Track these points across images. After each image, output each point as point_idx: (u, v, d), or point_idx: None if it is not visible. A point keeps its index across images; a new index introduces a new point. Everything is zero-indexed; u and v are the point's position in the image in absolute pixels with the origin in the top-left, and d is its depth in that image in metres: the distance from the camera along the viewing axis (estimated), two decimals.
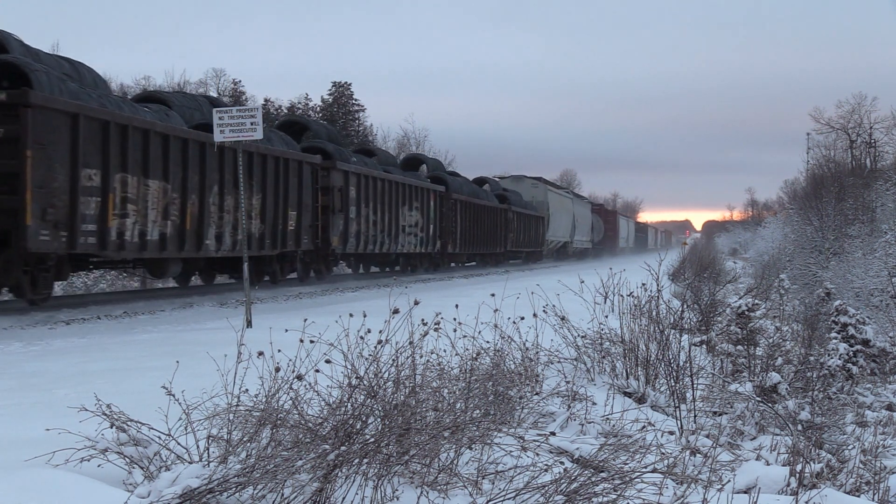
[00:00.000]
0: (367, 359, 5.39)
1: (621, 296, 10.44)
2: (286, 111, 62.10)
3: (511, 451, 5.29)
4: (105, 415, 4.68)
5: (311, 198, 23.37)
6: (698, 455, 6.58)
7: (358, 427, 4.73)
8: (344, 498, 4.43)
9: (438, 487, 4.81)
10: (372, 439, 4.62)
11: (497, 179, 54.95)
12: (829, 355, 16.28)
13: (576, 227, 67.91)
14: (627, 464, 5.54)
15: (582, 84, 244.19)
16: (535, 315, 8.24)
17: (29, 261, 14.29)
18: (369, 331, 5.73)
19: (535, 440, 5.61)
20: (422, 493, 4.63)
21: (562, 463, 5.43)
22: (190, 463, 4.55)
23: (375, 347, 5.48)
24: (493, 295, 7.64)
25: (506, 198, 47.04)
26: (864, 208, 38.04)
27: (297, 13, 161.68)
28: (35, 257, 14.36)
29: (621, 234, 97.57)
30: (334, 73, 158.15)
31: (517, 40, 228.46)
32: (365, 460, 4.53)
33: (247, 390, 4.99)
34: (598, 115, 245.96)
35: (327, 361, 5.40)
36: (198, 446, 4.68)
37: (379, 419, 4.95)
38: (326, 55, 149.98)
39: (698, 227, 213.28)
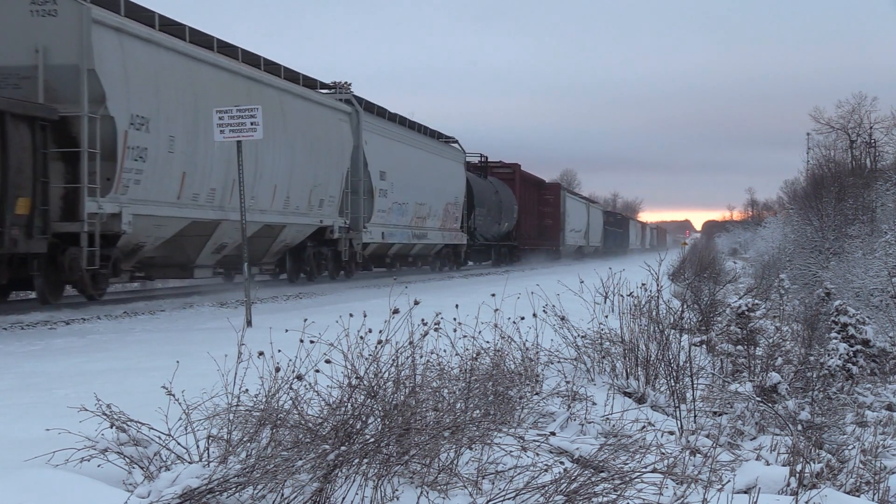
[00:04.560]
0: (367, 359, 5.39)
1: (621, 296, 10.46)
2: None
3: (511, 451, 5.28)
4: (105, 415, 4.68)
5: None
6: (698, 455, 6.58)
7: (358, 427, 4.72)
8: (344, 498, 4.43)
9: (438, 487, 4.81)
10: (372, 439, 4.62)
11: None
12: (829, 355, 16.25)
13: (383, 190, 28.19)
14: (627, 464, 5.53)
15: (582, 84, 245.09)
16: (534, 315, 8.24)
17: None
18: (370, 331, 5.73)
19: (535, 440, 5.61)
20: (422, 493, 4.63)
21: (562, 463, 5.43)
22: (190, 463, 4.55)
23: (375, 347, 5.48)
24: (493, 295, 7.65)
25: None
26: (864, 208, 37.99)
27: (297, 13, 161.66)
28: None
29: (572, 224, 58.90)
30: (334, 73, 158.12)
31: (518, 41, 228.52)
32: (365, 460, 4.53)
33: (247, 390, 4.99)
34: (598, 115, 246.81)
35: (327, 361, 5.40)
36: (198, 446, 4.68)
37: (379, 419, 4.95)
38: (325, 55, 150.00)
39: (698, 227, 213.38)
